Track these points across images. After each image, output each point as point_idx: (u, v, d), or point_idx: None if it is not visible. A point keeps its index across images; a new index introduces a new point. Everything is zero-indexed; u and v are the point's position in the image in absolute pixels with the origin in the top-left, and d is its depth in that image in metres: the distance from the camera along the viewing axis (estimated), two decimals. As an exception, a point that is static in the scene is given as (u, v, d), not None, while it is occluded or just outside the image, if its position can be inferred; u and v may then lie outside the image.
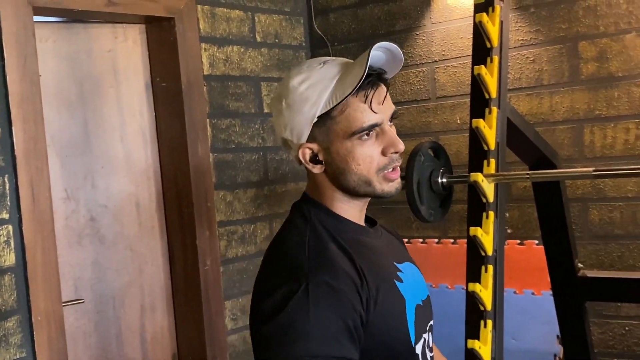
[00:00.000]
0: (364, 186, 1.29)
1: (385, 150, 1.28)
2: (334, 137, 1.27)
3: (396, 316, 1.27)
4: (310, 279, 1.19)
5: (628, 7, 2.65)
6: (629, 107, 2.67)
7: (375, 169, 1.28)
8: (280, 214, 3.30)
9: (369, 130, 1.26)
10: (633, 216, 2.69)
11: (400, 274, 1.35)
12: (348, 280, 1.20)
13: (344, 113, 1.26)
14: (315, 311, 1.16)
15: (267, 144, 3.26)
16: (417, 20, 3.17)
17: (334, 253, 1.25)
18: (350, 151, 1.27)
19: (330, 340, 1.15)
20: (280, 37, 3.36)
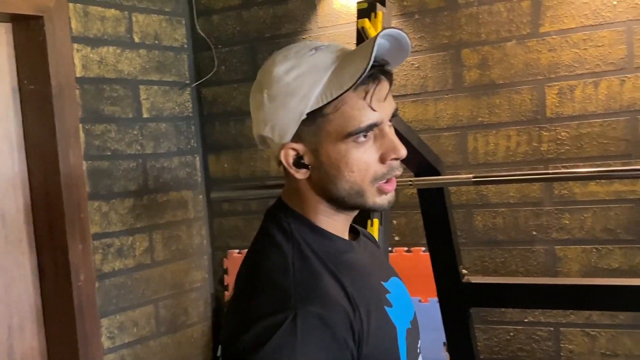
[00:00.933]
0: (355, 197, 1.13)
1: (385, 156, 1.12)
2: (325, 137, 1.11)
3: (388, 348, 1.13)
4: (299, 310, 1.03)
5: (509, 16, 2.76)
6: (510, 114, 2.79)
7: (371, 178, 1.12)
8: (161, 225, 3.23)
9: (367, 132, 1.10)
10: (515, 222, 2.81)
11: (389, 295, 1.20)
12: (341, 312, 1.06)
13: (339, 110, 1.09)
14: (302, 348, 1.01)
15: (147, 151, 3.18)
16: (304, 24, 3.19)
17: (324, 278, 1.09)
18: (343, 155, 1.10)
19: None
20: (160, 38, 3.29)
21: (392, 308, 1.17)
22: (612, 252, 2.67)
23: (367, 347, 1.08)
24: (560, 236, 2.75)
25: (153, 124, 3.23)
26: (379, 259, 1.33)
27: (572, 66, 2.67)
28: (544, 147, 2.74)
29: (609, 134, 2.64)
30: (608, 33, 2.61)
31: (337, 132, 1.10)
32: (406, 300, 1.27)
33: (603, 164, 2.64)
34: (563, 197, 2.73)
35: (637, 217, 2.62)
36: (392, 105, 1.15)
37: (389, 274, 1.29)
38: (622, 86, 2.60)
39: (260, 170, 3.35)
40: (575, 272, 2.73)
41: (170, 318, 3.27)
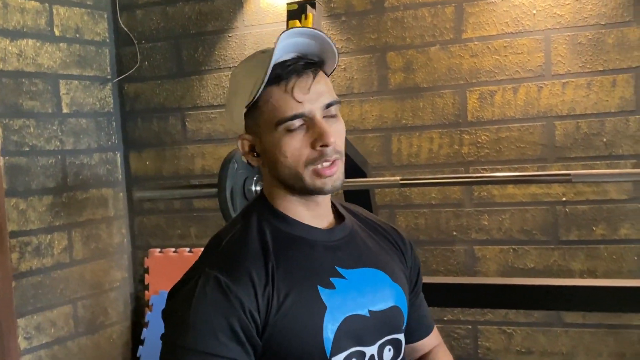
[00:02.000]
0: (295, 180, 1.26)
1: (314, 143, 1.23)
2: (263, 128, 1.25)
3: (308, 323, 1.21)
4: (204, 273, 1.21)
5: (432, 21, 2.87)
6: (432, 117, 2.89)
7: (304, 163, 1.24)
8: (80, 223, 3.20)
9: (293, 120, 1.22)
10: (436, 222, 2.92)
11: (337, 279, 1.27)
12: (245, 281, 1.19)
13: (267, 103, 1.23)
14: (197, 305, 1.18)
15: (66, 147, 3.14)
16: (230, 22, 3.21)
17: (249, 251, 1.24)
18: (277, 143, 1.24)
19: (210, 337, 1.16)
20: (81, 32, 3.25)
21: (333, 290, 1.25)
22: (528, 252, 2.81)
23: (279, 316, 1.20)
24: (479, 237, 2.87)
25: (73, 120, 3.19)
26: (359, 247, 1.37)
27: (493, 72, 2.80)
28: (464, 150, 2.86)
29: (526, 139, 2.77)
30: (527, 41, 2.74)
31: (269, 122, 1.24)
32: (370, 292, 1.32)
33: (520, 167, 2.78)
34: (482, 198, 2.85)
35: (551, 219, 2.77)
36: (322, 96, 1.25)
37: (365, 264, 1.35)
38: (539, 92, 2.74)
39: (184, 169, 3.36)
40: (493, 272, 2.86)
41: (89, 318, 3.24)
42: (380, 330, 1.32)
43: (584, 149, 2.71)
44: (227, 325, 1.16)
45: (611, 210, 2.69)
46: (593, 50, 2.67)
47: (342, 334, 1.24)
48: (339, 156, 1.26)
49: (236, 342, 1.17)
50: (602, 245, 2.72)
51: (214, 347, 1.16)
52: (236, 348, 1.17)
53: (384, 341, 1.33)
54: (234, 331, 1.17)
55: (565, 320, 2.79)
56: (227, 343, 1.16)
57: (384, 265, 1.38)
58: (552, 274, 2.77)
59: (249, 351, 1.19)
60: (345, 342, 1.25)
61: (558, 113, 2.73)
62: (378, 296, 1.33)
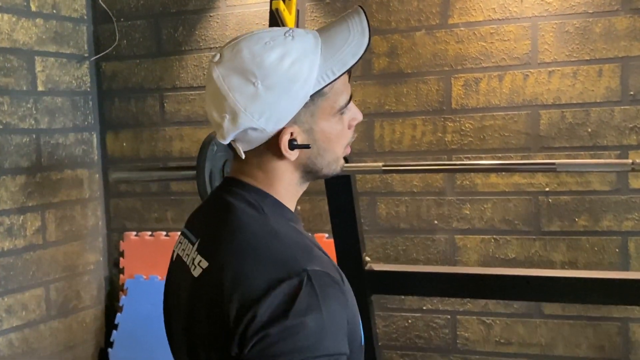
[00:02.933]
0: (332, 164, 1.22)
1: (351, 123, 1.22)
2: (321, 115, 1.17)
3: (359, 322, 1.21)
4: (310, 272, 1.07)
5: (419, 5, 2.85)
6: (416, 104, 2.88)
7: (344, 145, 1.23)
8: (54, 204, 3.16)
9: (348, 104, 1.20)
10: (417, 210, 2.92)
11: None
12: (336, 271, 1.14)
13: (333, 88, 1.17)
14: (325, 306, 1.05)
15: (41, 126, 3.10)
16: (212, 1, 3.18)
17: (307, 241, 1.17)
18: (334, 128, 1.19)
19: (343, 337, 1.09)
20: (58, 8, 3.20)
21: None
22: (509, 242, 2.82)
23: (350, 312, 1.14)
24: (461, 226, 2.88)
25: (48, 98, 3.15)
26: None
27: (478, 59, 2.79)
28: (448, 138, 2.85)
29: (511, 127, 2.77)
30: (514, 28, 2.74)
31: (332, 108, 1.17)
32: None
33: (504, 157, 2.78)
34: (465, 187, 2.85)
35: (534, 209, 2.77)
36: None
37: None
38: (525, 81, 2.74)
39: (162, 151, 3.33)
40: (474, 262, 2.87)
41: (62, 301, 3.21)
42: None
43: (568, 138, 2.71)
44: (345, 323, 1.11)
45: (594, 201, 2.70)
46: (580, 39, 2.67)
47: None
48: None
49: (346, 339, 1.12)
50: (584, 236, 2.73)
51: (344, 345, 1.09)
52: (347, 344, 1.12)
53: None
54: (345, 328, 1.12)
55: (545, 312, 2.80)
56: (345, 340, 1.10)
57: None
58: (533, 264, 2.78)
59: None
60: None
61: (543, 102, 2.73)
62: None
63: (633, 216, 2.66)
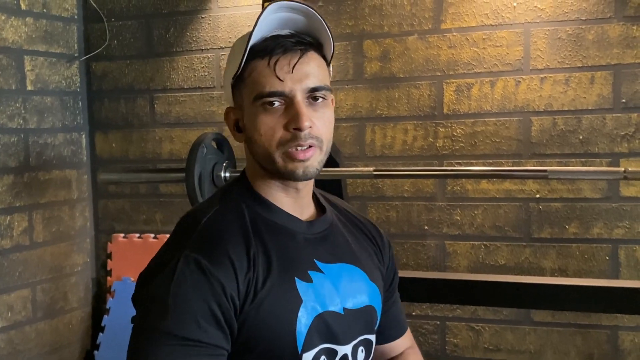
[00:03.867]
0: (268, 162, 1.23)
1: (287, 124, 1.20)
2: (246, 101, 1.24)
3: (283, 315, 1.20)
4: (184, 255, 1.17)
5: (412, 9, 2.88)
6: (408, 109, 2.91)
7: (276, 143, 1.21)
8: (42, 205, 3.17)
9: (271, 97, 1.20)
10: (408, 216, 2.94)
11: (315, 273, 1.26)
12: (226, 265, 1.16)
13: (250, 76, 1.22)
14: (177, 288, 1.14)
15: (30, 126, 3.11)
16: (203, 3, 3.20)
17: (229, 234, 1.21)
18: (254, 118, 1.22)
19: (190, 322, 1.13)
20: (48, 7, 3.22)
21: (310, 284, 1.24)
22: (499, 248, 2.85)
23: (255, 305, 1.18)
24: (451, 231, 2.90)
25: (37, 98, 3.16)
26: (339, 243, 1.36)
27: (471, 64, 2.82)
28: (439, 143, 2.88)
29: (502, 133, 2.80)
30: (506, 34, 2.77)
31: (249, 95, 1.23)
32: (350, 288, 1.32)
33: (495, 162, 2.81)
34: (455, 193, 2.88)
35: (524, 216, 2.80)
36: (307, 78, 1.21)
37: (344, 259, 1.34)
38: (517, 87, 2.77)
39: (152, 152, 3.34)
40: (464, 268, 2.89)
41: (48, 303, 3.22)
42: (354, 329, 1.31)
43: (559, 145, 2.74)
44: (208, 310, 1.14)
45: (584, 209, 2.73)
46: (572, 45, 2.70)
47: (315, 330, 1.23)
48: (316, 142, 1.22)
49: (216, 327, 1.15)
50: (574, 244, 2.76)
51: (193, 332, 1.12)
52: (216, 333, 1.15)
53: (358, 341, 1.32)
54: (215, 316, 1.14)
55: (534, 319, 2.83)
56: (207, 328, 1.13)
57: (362, 262, 1.36)
58: (523, 271, 2.81)
59: (228, 336, 1.17)
60: (317, 339, 1.24)
61: (535, 108, 2.76)
62: (354, 294, 1.32)
63: (623, 224, 2.69)
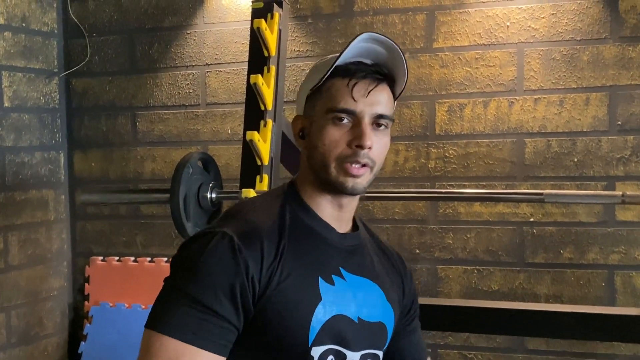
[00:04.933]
0: (323, 170, 1.36)
1: (351, 141, 1.33)
2: (318, 110, 1.37)
3: (300, 307, 1.31)
4: (222, 232, 1.30)
5: (403, 28, 2.87)
6: (399, 129, 2.89)
7: (336, 155, 1.34)
8: (18, 226, 3.11)
9: (343, 114, 1.33)
10: (399, 239, 2.91)
11: (338, 278, 1.39)
12: (256, 249, 1.29)
13: (329, 90, 1.35)
14: (206, 258, 1.27)
15: (6, 144, 3.06)
16: (189, 18, 3.17)
17: (267, 225, 1.34)
18: (322, 128, 1.35)
19: (209, 290, 1.26)
20: (28, 21, 3.18)
21: (332, 286, 1.36)
22: (492, 274, 2.82)
23: (277, 290, 1.30)
24: (443, 255, 2.87)
25: (15, 115, 3.11)
26: (366, 263, 1.47)
27: (463, 84, 2.81)
28: (431, 164, 2.86)
29: (495, 155, 2.78)
30: (500, 54, 2.76)
31: (323, 107, 1.36)
32: (367, 301, 1.43)
33: (488, 185, 2.79)
34: (448, 216, 2.85)
35: (518, 240, 2.78)
36: (377, 105, 1.35)
37: (367, 275, 1.45)
38: (510, 108, 2.76)
39: (133, 172, 3.29)
40: (456, 293, 2.86)
41: (23, 328, 3.15)
42: (365, 340, 1.41)
43: (553, 168, 2.73)
44: (229, 285, 1.26)
45: (580, 233, 2.71)
46: (567, 66, 2.70)
47: (328, 329, 1.34)
48: (370, 163, 1.35)
49: (231, 303, 1.26)
50: (569, 269, 2.74)
51: (210, 300, 1.25)
52: (230, 308, 1.26)
53: (367, 353, 1.42)
54: (233, 292, 1.26)
55: (528, 347, 2.80)
56: (223, 300, 1.25)
57: (382, 282, 1.48)
58: (517, 297, 2.78)
59: (241, 315, 1.28)
60: (328, 337, 1.34)
61: (529, 130, 2.75)
62: (369, 307, 1.43)
63: (620, 249, 2.68)
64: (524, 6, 2.73)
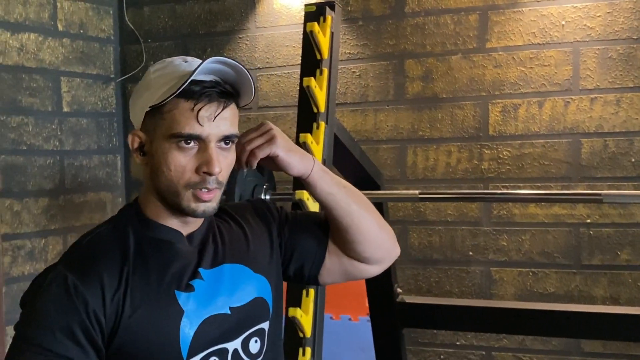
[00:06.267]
0: (172, 196, 1.32)
1: (199, 168, 1.30)
2: (158, 133, 1.30)
3: (163, 328, 1.29)
4: (56, 271, 1.26)
5: (455, 28, 2.86)
6: (451, 130, 2.88)
7: (185, 182, 1.30)
8: (76, 228, 3.18)
9: (188, 140, 1.28)
10: (452, 241, 2.90)
11: (197, 281, 1.35)
12: (94, 282, 1.25)
13: (171, 112, 1.28)
14: (40, 300, 1.24)
15: (65, 148, 3.14)
16: (241, 23, 3.22)
17: (105, 253, 1.30)
18: (165, 153, 1.30)
19: (47, 333, 1.22)
20: (85, 28, 3.26)
21: (192, 292, 1.34)
22: (548, 276, 2.79)
23: (132, 320, 1.26)
24: (497, 258, 2.85)
25: (73, 119, 3.19)
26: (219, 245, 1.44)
27: (517, 84, 2.79)
28: (484, 165, 2.84)
29: (551, 156, 2.76)
30: (555, 53, 2.73)
31: (166, 131, 1.29)
32: (235, 286, 1.41)
33: (543, 186, 2.76)
34: (501, 217, 2.84)
35: (574, 242, 2.74)
36: (223, 126, 1.31)
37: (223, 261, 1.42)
38: (566, 108, 2.73)
39: (187, 175, 3.34)
40: (510, 295, 2.84)
41: (82, 329, 3.22)
42: (243, 324, 1.41)
43: (610, 168, 2.69)
44: (66, 325, 1.23)
45: (637, 234, 2.67)
46: (624, 65, 2.66)
47: (201, 336, 1.33)
48: (218, 186, 1.33)
49: (74, 343, 1.23)
50: (627, 271, 2.70)
51: (50, 343, 1.21)
52: (74, 348, 1.22)
53: (249, 334, 1.42)
54: (72, 331, 1.23)
55: (585, 349, 2.76)
56: (64, 342, 1.22)
57: (245, 257, 1.46)
58: (573, 299, 2.75)
59: (90, 353, 1.24)
60: (204, 343, 1.33)
61: (585, 130, 2.71)
62: (239, 291, 1.42)
63: (679, 251, 2.63)
64: (579, 5, 2.70)
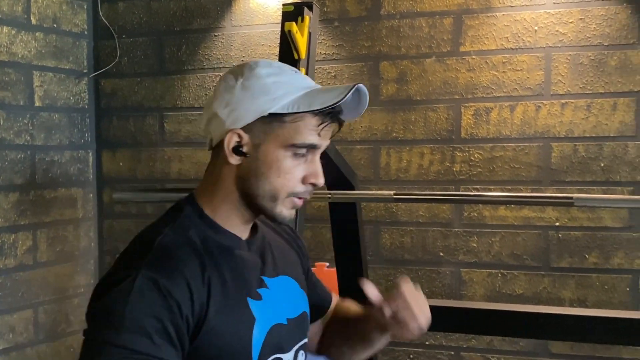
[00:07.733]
0: (268, 200, 1.34)
1: (306, 178, 1.34)
2: (273, 139, 1.32)
3: (237, 333, 1.31)
4: (142, 273, 1.23)
5: (430, 31, 2.89)
6: (424, 132, 2.91)
7: (289, 190, 1.33)
8: (47, 223, 3.16)
9: (307, 149, 1.33)
10: (423, 242, 2.93)
11: (263, 290, 1.39)
12: (182, 285, 1.25)
13: (295, 122, 1.31)
14: (133, 303, 1.21)
15: (37, 142, 3.11)
16: (217, 21, 3.21)
17: (184, 256, 1.29)
18: (280, 160, 1.32)
19: (141, 336, 1.19)
20: (59, 22, 3.23)
21: (260, 301, 1.37)
22: (517, 277, 2.83)
23: (213, 324, 1.27)
24: (467, 259, 2.89)
25: (45, 114, 3.16)
26: (274, 256, 1.48)
27: (490, 88, 2.82)
28: (456, 168, 2.87)
29: (521, 159, 2.80)
30: (527, 58, 2.77)
31: (285, 139, 1.31)
32: (289, 300, 1.46)
33: (514, 189, 2.80)
34: (472, 219, 2.87)
35: (543, 244, 2.79)
36: (328, 144, 1.38)
37: (281, 271, 1.47)
38: (537, 112, 2.77)
39: (160, 172, 3.34)
40: (480, 296, 2.87)
41: (50, 325, 3.20)
42: (295, 336, 1.46)
43: (580, 173, 2.74)
44: (162, 327, 1.22)
45: (605, 238, 2.72)
46: (594, 71, 2.71)
47: (268, 343, 1.36)
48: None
49: (170, 344, 1.22)
50: (594, 274, 2.75)
51: (145, 346, 1.19)
52: (169, 350, 1.22)
53: (298, 347, 1.47)
54: (168, 333, 1.22)
55: (552, 351, 2.80)
56: (161, 344, 1.21)
57: (292, 271, 1.52)
58: (541, 301, 2.79)
59: (180, 353, 1.25)
60: (268, 350, 1.36)
61: (555, 134, 2.76)
62: (293, 304, 1.47)
63: (645, 254, 2.68)
64: (552, 11, 2.74)
